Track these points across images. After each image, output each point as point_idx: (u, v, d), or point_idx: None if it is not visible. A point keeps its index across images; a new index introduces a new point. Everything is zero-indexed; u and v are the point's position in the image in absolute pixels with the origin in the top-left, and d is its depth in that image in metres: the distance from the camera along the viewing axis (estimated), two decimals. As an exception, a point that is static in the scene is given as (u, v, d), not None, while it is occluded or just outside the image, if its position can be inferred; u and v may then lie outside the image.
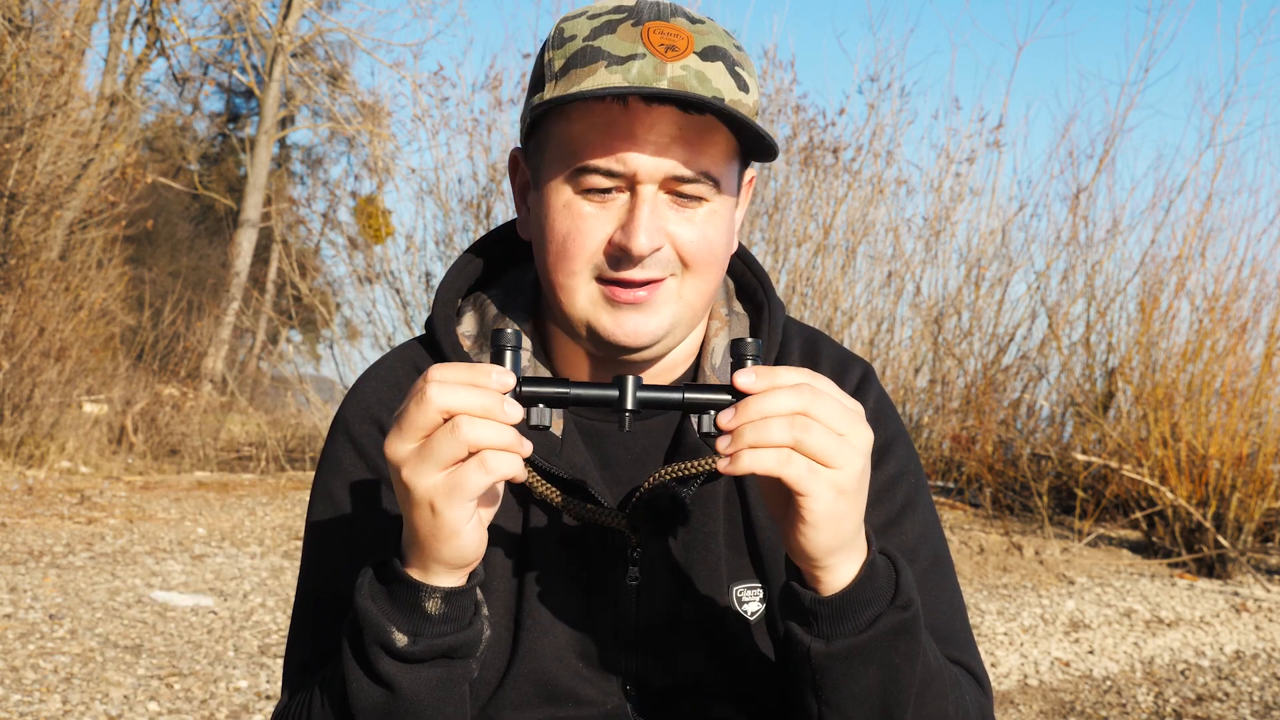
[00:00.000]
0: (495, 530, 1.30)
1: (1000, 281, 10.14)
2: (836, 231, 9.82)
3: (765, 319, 1.41)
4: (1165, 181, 11.41)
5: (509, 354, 1.09)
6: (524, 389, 1.11)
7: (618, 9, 1.26)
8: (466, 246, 1.49)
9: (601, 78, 1.21)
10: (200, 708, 3.91)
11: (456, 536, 1.08)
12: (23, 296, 10.64)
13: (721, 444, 1.08)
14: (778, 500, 1.12)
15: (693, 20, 1.26)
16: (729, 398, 1.10)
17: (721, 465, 1.07)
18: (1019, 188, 14.19)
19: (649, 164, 1.23)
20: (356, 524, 1.36)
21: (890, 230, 10.15)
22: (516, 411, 1.06)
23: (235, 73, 24.91)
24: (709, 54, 1.24)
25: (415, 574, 1.13)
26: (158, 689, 4.06)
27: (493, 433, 1.05)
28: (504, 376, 1.06)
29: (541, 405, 1.11)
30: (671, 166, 1.24)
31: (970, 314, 10.08)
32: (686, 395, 1.12)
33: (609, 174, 1.24)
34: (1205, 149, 10.30)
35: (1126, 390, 8.70)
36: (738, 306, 1.45)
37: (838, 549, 1.11)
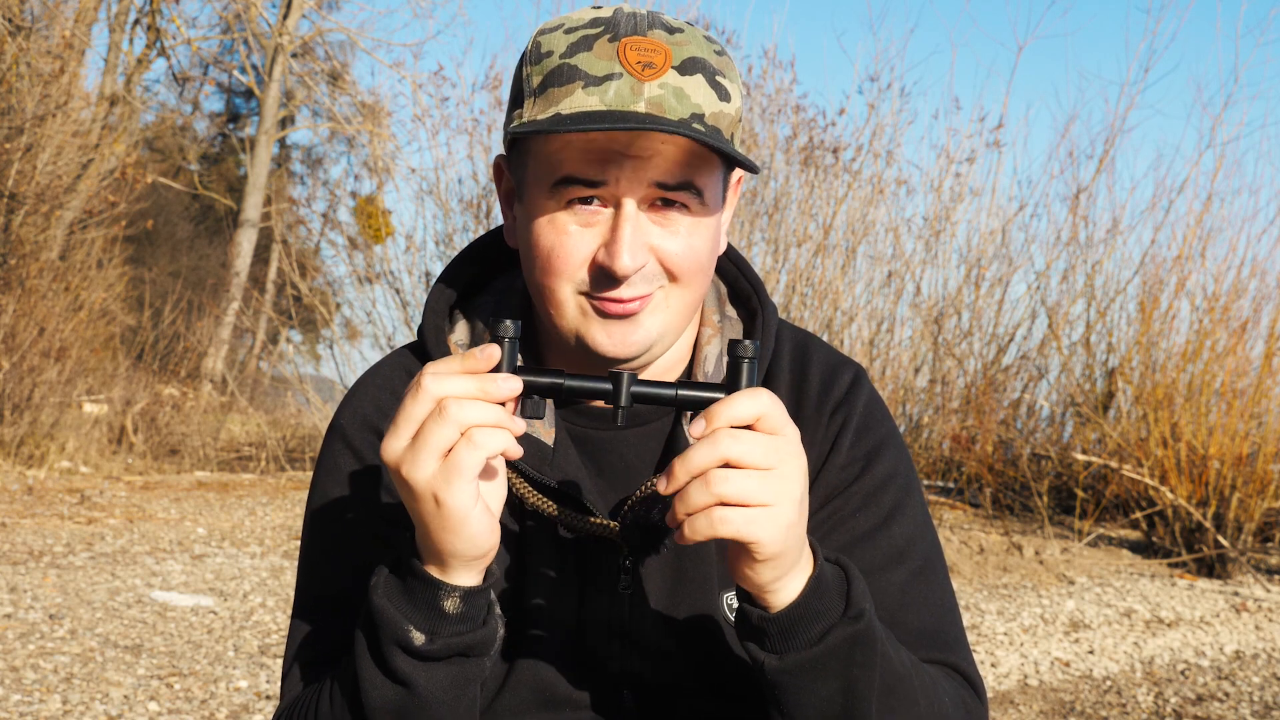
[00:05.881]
0: None
1: (1000, 281, 10.14)
2: (836, 231, 9.82)
3: (759, 325, 1.40)
4: (1165, 181, 11.38)
5: (507, 344, 1.10)
6: (520, 377, 1.12)
7: (594, 21, 1.25)
8: (464, 248, 1.49)
9: (579, 99, 1.20)
10: (200, 708, 3.92)
11: (465, 524, 1.08)
12: (23, 296, 10.64)
13: (669, 516, 1.09)
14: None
15: (671, 30, 1.25)
16: (722, 396, 1.11)
17: (679, 539, 1.08)
18: (1019, 188, 14.19)
19: (631, 176, 1.22)
20: (356, 529, 1.36)
21: (890, 230, 10.14)
22: (511, 385, 1.07)
23: (235, 73, 24.92)
24: (687, 67, 1.22)
25: (434, 572, 1.13)
26: (158, 689, 4.06)
27: (479, 411, 1.06)
28: (489, 350, 1.08)
29: (536, 396, 1.12)
30: (653, 179, 1.23)
31: (970, 314, 10.07)
32: (680, 392, 1.13)
33: (590, 183, 1.23)
34: (1205, 149, 10.25)
35: (1126, 390, 8.70)
36: (731, 312, 1.44)
37: (783, 574, 1.12)
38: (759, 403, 1.07)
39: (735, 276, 1.45)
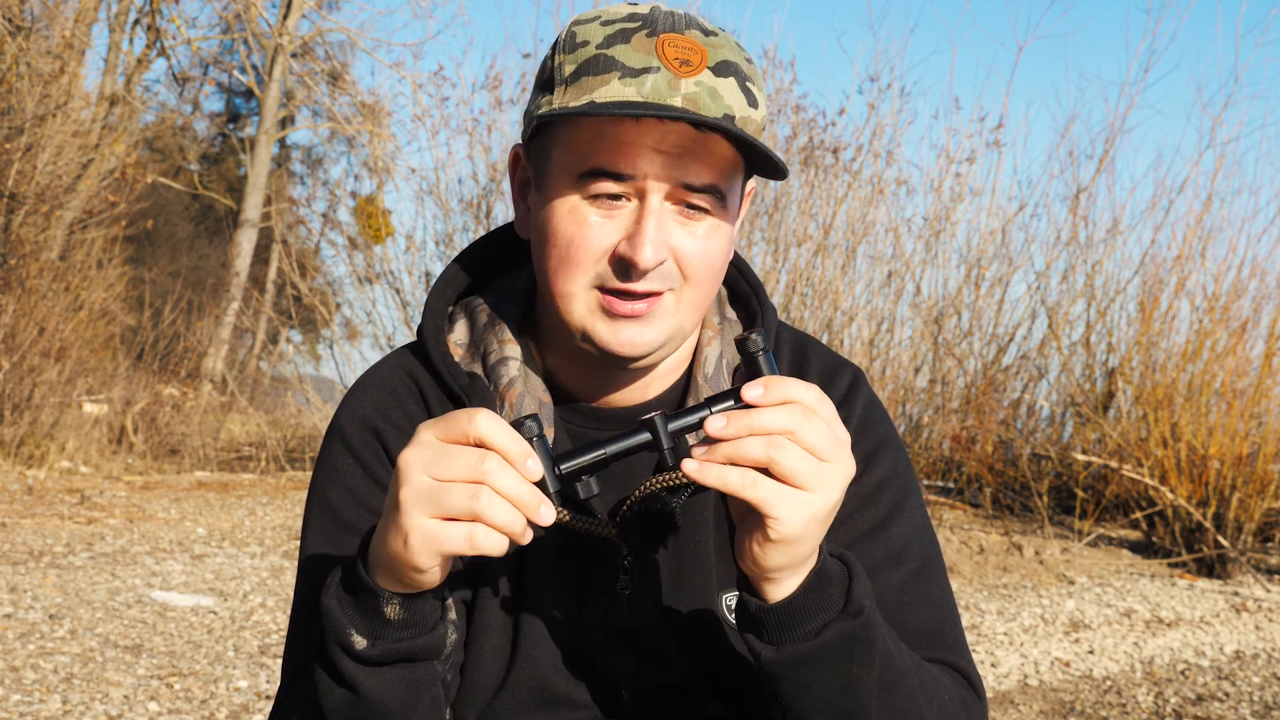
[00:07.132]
0: None
1: (1000, 281, 10.14)
2: (836, 231, 9.82)
3: (759, 327, 1.40)
4: (1165, 181, 11.38)
5: (537, 442, 1.08)
6: (563, 467, 1.10)
7: (632, 17, 1.25)
8: (464, 248, 1.49)
9: (615, 89, 1.21)
10: (200, 708, 3.92)
11: (418, 574, 1.08)
12: (23, 296, 10.64)
13: (697, 450, 1.07)
14: (742, 510, 1.12)
15: (706, 32, 1.26)
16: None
17: (687, 467, 1.06)
18: (1019, 188, 14.20)
19: (659, 173, 1.23)
20: (354, 531, 1.36)
21: (890, 230, 10.14)
22: (549, 513, 1.05)
23: (235, 73, 24.92)
24: (722, 69, 1.23)
25: (377, 578, 1.12)
26: (158, 689, 4.06)
27: (505, 515, 1.03)
28: (535, 465, 1.06)
29: (586, 477, 1.11)
30: (680, 177, 1.23)
31: (970, 314, 10.07)
32: (713, 410, 1.12)
33: (618, 178, 1.23)
34: (1205, 149, 10.26)
35: (1126, 390, 8.70)
36: (731, 314, 1.44)
37: (789, 566, 1.12)
38: (815, 392, 1.08)
39: (735, 279, 1.46)
